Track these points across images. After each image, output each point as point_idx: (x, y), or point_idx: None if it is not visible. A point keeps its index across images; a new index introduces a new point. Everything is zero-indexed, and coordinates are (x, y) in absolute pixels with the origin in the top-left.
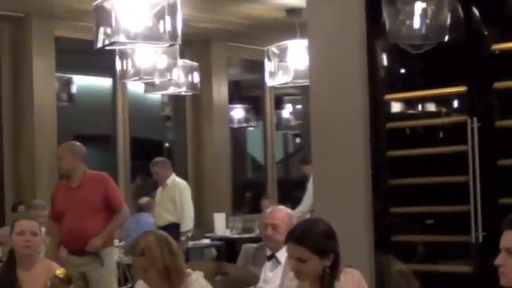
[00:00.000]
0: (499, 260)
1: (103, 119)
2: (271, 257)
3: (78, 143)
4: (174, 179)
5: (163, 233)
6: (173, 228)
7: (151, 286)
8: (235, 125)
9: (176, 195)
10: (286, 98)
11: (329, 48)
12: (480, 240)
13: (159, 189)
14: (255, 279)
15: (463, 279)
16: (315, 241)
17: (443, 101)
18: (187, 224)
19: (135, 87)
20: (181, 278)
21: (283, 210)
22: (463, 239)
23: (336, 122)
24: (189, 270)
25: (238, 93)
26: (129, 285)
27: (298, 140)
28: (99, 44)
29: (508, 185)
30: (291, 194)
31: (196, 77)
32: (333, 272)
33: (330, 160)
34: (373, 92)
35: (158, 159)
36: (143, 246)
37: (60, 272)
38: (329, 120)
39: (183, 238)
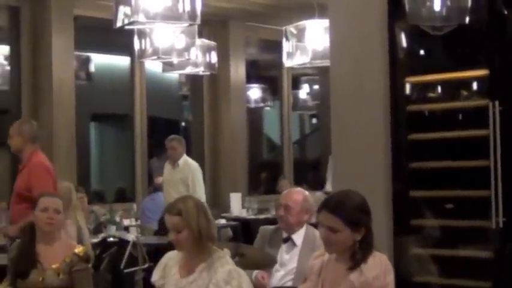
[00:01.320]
0: None
1: (121, 98)
2: (288, 239)
3: (29, 122)
4: (187, 160)
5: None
6: None
7: (181, 248)
8: (252, 105)
9: (189, 177)
10: (303, 78)
11: (350, 29)
12: (501, 225)
13: (168, 168)
14: (273, 261)
15: (483, 264)
16: (348, 212)
17: (464, 84)
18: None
19: (153, 66)
20: (211, 248)
21: (299, 192)
22: (483, 224)
23: (356, 103)
24: (215, 247)
25: (255, 73)
26: (147, 265)
27: (314, 120)
28: (119, 24)
29: None
30: (306, 174)
31: (214, 57)
32: (363, 248)
33: (349, 142)
34: (394, 74)
35: (175, 135)
36: (181, 206)
37: (79, 250)
38: (349, 102)
39: None
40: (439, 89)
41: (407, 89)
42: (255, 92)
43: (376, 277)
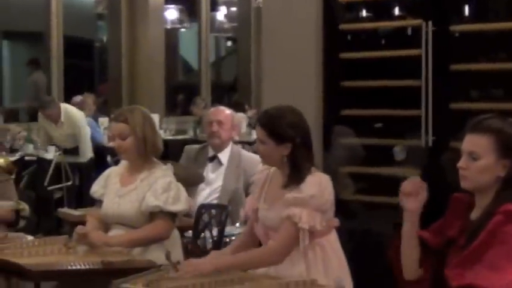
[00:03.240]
0: (461, 163)
1: (35, 16)
2: (213, 158)
3: None
4: (66, 112)
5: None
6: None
7: (124, 156)
8: (169, 26)
9: (77, 129)
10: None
11: None
12: (430, 144)
13: (49, 125)
14: (200, 178)
15: None
16: (273, 125)
17: (398, 3)
18: (87, 154)
19: None
20: (154, 160)
21: (226, 109)
22: (414, 143)
23: (288, 23)
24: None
25: None
26: (70, 183)
27: (229, 43)
28: None
29: (459, 90)
30: (222, 96)
31: None
32: (291, 164)
33: (280, 61)
34: None
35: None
36: (128, 114)
37: (2, 161)
38: (281, 21)
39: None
40: (372, 8)
41: (340, 8)
42: (172, 13)
43: (313, 196)
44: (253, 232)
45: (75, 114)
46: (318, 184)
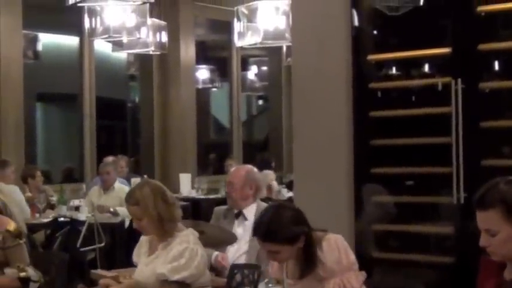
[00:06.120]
0: (482, 242)
1: (68, 78)
2: (239, 214)
3: None
4: (119, 184)
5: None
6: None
7: (145, 233)
8: (200, 86)
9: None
10: (251, 59)
11: (312, 8)
12: (462, 201)
13: (96, 191)
14: (233, 237)
15: (444, 240)
16: (281, 234)
17: (428, 62)
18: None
19: (100, 45)
20: (174, 228)
21: (243, 168)
22: (445, 200)
23: (318, 82)
24: (181, 225)
25: (203, 53)
26: (102, 244)
27: (260, 102)
28: (71, 1)
29: (490, 147)
30: (254, 155)
31: (164, 37)
32: (309, 248)
33: (310, 120)
34: (357, 52)
35: (110, 159)
36: (138, 196)
37: (11, 227)
38: (311, 80)
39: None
40: (402, 66)
41: (370, 66)
42: (203, 73)
43: (337, 261)
44: None
45: (125, 188)
46: (337, 249)
